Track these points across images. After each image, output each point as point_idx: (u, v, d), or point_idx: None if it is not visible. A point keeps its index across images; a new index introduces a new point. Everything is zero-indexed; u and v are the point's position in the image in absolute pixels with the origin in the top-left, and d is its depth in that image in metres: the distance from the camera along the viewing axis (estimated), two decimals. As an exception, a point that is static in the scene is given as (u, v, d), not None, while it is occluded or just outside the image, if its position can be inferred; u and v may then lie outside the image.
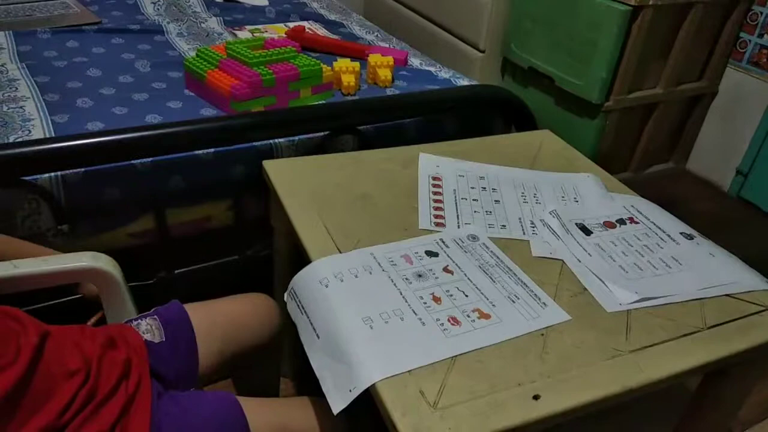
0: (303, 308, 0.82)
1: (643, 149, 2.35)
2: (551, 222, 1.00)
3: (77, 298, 0.93)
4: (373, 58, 1.70)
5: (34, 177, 1.15)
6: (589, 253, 0.93)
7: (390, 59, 1.71)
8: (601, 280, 0.88)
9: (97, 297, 0.94)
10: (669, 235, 1.00)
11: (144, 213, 1.29)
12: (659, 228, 1.02)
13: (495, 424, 0.66)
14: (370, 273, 0.84)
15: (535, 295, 0.85)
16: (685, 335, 0.81)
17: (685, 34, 2.10)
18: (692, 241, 1.00)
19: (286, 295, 0.88)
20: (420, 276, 0.85)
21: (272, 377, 1.22)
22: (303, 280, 0.85)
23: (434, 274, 0.86)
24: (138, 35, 1.88)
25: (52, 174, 1.16)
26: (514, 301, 0.83)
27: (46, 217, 1.18)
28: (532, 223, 1.00)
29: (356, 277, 0.83)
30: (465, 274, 0.86)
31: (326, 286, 0.81)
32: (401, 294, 0.81)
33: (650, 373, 0.75)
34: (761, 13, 2.16)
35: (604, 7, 1.96)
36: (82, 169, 1.18)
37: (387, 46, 2.01)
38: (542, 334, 0.78)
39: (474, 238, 0.94)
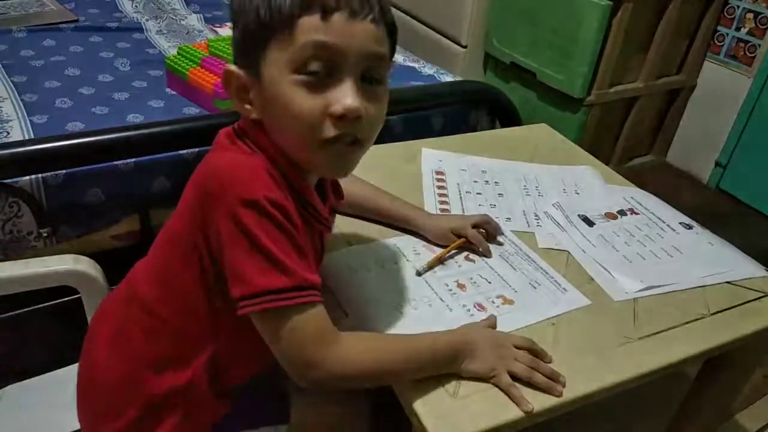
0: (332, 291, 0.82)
1: (624, 143, 2.38)
2: (555, 214, 1.00)
3: (76, 298, 0.91)
4: (358, 54, 1.68)
5: (14, 180, 1.11)
6: (593, 244, 0.93)
7: (375, 55, 1.69)
8: (606, 270, 0.88)
9: None
10: (669, 225, 1.01)
11: (127, 215, 1.26)
12: (659, 218, 1.02)
13: (513, 413, 0.66)
14: (395, 263, 0.85)
15: (556, 281, 0.86)
16: (691, 321, 0.82)
17: (664, 28, 2.13)
18: (691, 230, 1.00)
19: None
20: (444, 265, 0.86)
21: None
22: (333, 264, 0.84)
23: (456, 263, 0.87)
24: (116, 33, 1.84)
25: (33, 176, 1.13)
26: (535, 288, 0.84)
27: (27, 220, 1.15)
28: (536, 215, 1.00)
29: (383, 267, 0.84)
30: (486, 263, 0.88)
31: (356, 273, 0.82)
32: (427, 282, 0.82)
33: (660, 359, 0.75)
34: (738, 6, 2.19)
35: (585, 2, 1.98)
36: (64, 171, 1.15)
37: (370, 42, 1.99)
38: (553, 324, 0.78)
39: None
